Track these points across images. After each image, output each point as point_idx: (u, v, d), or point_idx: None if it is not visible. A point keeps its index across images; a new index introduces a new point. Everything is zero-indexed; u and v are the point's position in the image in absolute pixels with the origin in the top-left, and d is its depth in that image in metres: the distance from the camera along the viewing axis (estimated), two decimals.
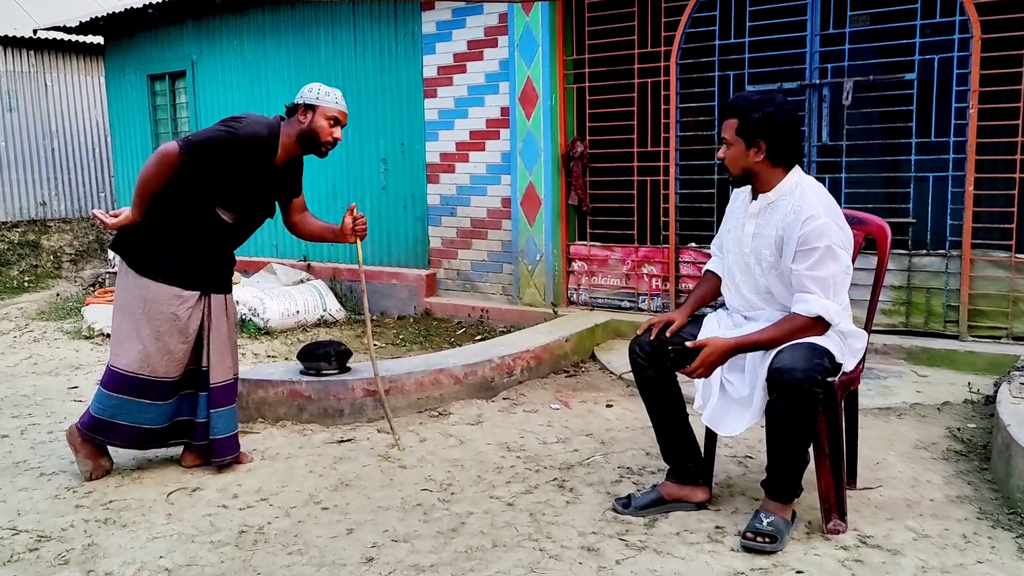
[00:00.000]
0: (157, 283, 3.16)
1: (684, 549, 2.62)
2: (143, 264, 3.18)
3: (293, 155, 3.30)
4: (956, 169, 4.50)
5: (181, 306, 3.19)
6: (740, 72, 5.08)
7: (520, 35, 5.69)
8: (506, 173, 6.01)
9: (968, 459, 3.33)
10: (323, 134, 3.22)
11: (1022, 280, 4.44)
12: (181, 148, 3.05)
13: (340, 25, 6.85)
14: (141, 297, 3.16)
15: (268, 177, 3.26)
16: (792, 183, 2.70)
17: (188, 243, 3.21)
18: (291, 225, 3.51)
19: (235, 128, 3.10)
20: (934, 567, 2.47)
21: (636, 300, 5.70)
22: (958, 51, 4.41)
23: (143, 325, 3.16)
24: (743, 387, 2.72)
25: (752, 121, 2.64)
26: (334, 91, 3.25)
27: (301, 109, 3.23)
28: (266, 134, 3.16)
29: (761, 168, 2.69)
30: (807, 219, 2.59)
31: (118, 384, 3.17)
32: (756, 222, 2.75)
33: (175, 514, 2.97)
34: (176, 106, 8.36)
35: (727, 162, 2.74)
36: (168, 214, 3.16)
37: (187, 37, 7.99)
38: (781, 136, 2.66)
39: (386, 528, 2.83)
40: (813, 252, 2.57)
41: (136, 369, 3.15)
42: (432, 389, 4.22)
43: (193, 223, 3.19)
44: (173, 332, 3.18)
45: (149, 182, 3.10)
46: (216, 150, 3.07)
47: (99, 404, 3.19)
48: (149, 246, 3.18)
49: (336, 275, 6.96)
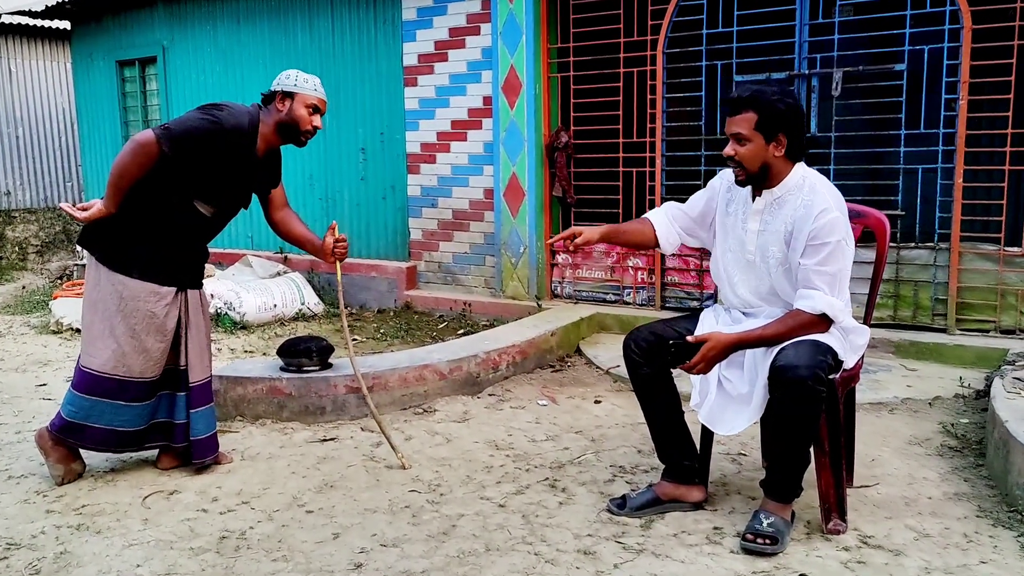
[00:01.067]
0: (133, 279, 3.02)
1: (683, 551, 2.55)
2: (116, 259, 3.03)
3: (272, 145, 3.16)
4: (945, 161, 4.47)
5: (159, 303, 3.05)
6: (728, 62, 5.00)
7: (503, 23, 5.57)
8: (489, 164, 5.90)
9: (963, 455, 3.29)
10: (303, 123, 3.09)
11: (1010, 273, 4.42)
12: (160, 138, 2.89)
13: (317, 11, 6.68)
14: (115, 294, 3.02)
15: (249, 169, 3.13)
16: (799, 177, 2.63)
17: (165, 237, 3.07)
18: (273, 223, 3.36)
19: (219, 118, 2.96)
20: (937, 568, 2.42)
21: (621, 293, 5.62)
22: (948, 42, 4.36)
23: (118, 323, 3.01)
24: (742, 384, 2.65)
25: (776, 113, 2.52)
26: (312, 78, 3.12)
27: (279, 97, 3.09)
28: (248, 124, 3.03)
29: (778, 163, 2.59)
30: (820, 213, 2.51)
31: (91, 385, 3.02)
32: (762, 218, 2.67)
33: (152, 519, 2.84)
34: (146, 93, 8.13)
35: (743, 158, 2.57)
36: (143, 206, 3.01)
37: (158, 22, 7.77)
38: (800, 129, 2.58)
39: (374, 532, 2.73)
40: (824, 247, 2.50)
41: (110, 370, 3.01)
42: (416, 385, 4.11)
43: (170, 216, 3.05)
44: (150, 330, 3.04)
45: (125, 174, 2.94)
46: (198, 141, 2.93)
47: (70, 406, 3.04)
48: (123, 240, 3.03)
49: (314, 267, 6.81)
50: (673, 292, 5.42)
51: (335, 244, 3.28)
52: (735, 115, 2.59)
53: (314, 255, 3.37)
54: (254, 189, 3.26)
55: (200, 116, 2.95)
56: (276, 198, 3.33)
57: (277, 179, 3.32)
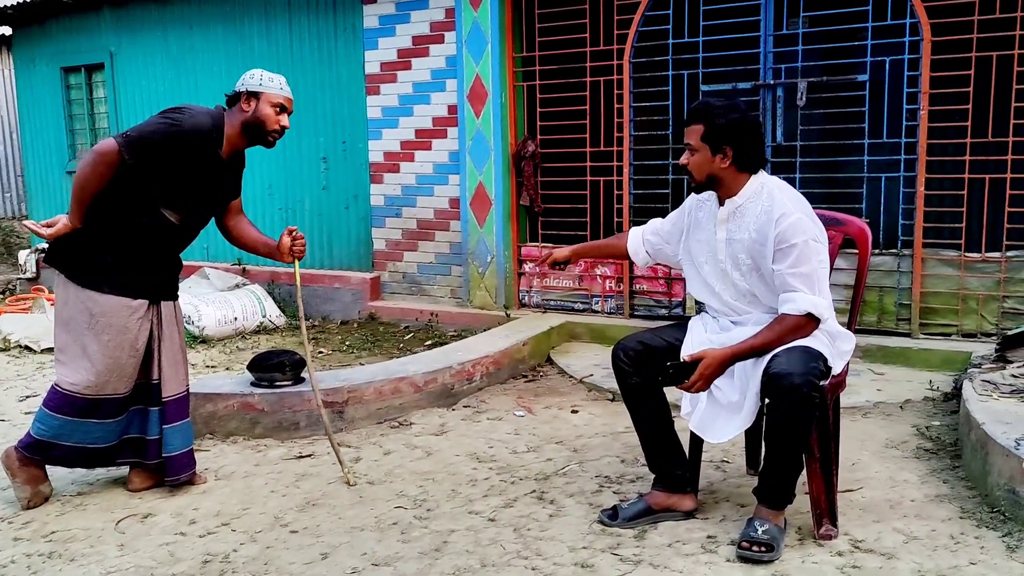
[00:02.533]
0: (103, 294, 2.90)
1: (680, 561, 2.54)
2: (85, 275, 2.91)
3: (237, 148, 3.06)
4: (908, 169, 4.58)
5: (131, 317, 2.94)
6: (694, 71, 5.05)
7: (468, 31, 5.54)
8: (454, 173, 5.85)
9: (939, 457, 3.36)
10: (269, 122, 3.00)
11: (971, 278, 4.55)
12: (121, 146, 2.79)
13: (274, 17, 6.56)
14: (86, 311, 2.89)
15: (214, 172, 3.03)
16: (757, 185, 2.67)
17: (133, 248, 2.95)
18: (225, 229, 3.26)
19: (178, 120, 2.86)
20: (930, 570, 2.45)
21: (589, 302, 5.62)
22: (909, 53, 4.48)
23: (90, 341, 2.89)
24: (732, 392, 2.65)
25: (718, 127, 2.60)
26: (277, 77, 3.05)
27: (244, 97, 2.99)
28: (210, 125, 2.93)
29: (726, 174, 2.65)
30: (780, 217, 2.56)
31: (64, 405, 2.90)
32: (727, 227, 2.71)
33: (128, 544, 2.73)
34: (93, 100, 7.87)
35: (691, 168, 2.68)
36: (109, 218, 2.90)
37: (105, 27, 7.53)
38: (747, 142, 2.63)
39: (364, 551, 2.66)
40: (792, 249, 2.54)
41: (83, 389, 2.89)
42: (392, 398, 4.04)
43: (137, 226, 2.93)
44: (124, 346, 2.93)
45: (88, 185, 2.83)
46: (159, 145, 2.83)
47: (42, 426, 2.91)
48: (90, 255, 2.91)
49: (274, 279, 6.66)
50: (642, 300, 5.45)
51: (293, 242, 3.19)
52: (687, 126, 2.69)
53: (269, 257, 3.27)
54: (223, 193, 3.16)
55: (159, 120, 2.86)
56: (233, 204, 3.24)
57: (238, 187, 3.22)
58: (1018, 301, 4.48)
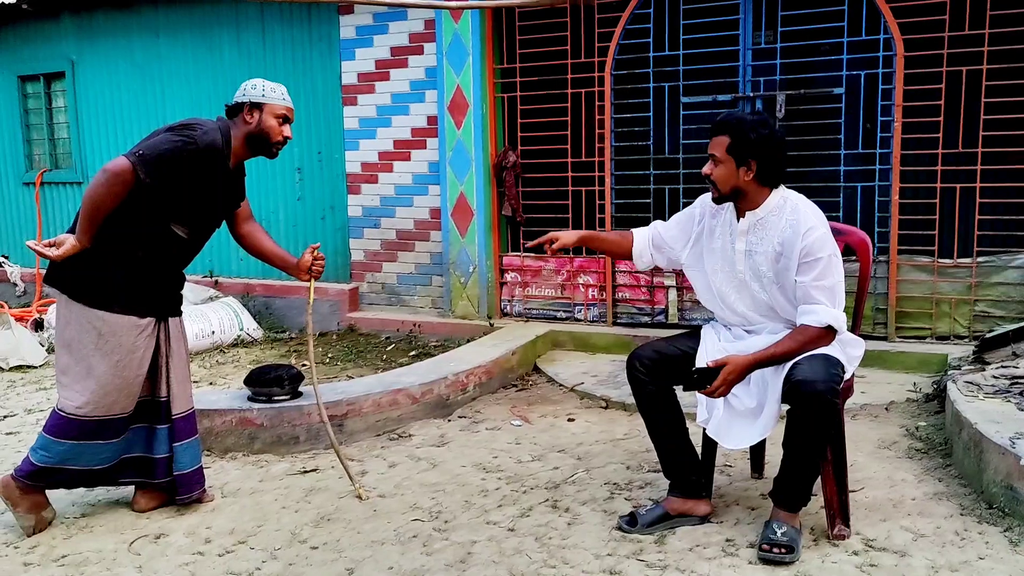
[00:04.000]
0: (112, 313, 2.84)
1: (704, 565, 2.60)
2: (91, 294, 2.84)
3: (241, 159, 3.05)
4: (882, 179, 4.75)
5: (140, 336, 2.88)
6: (675, 84, 5.16)
7: (449, 42, 5.56)
8: (434, 183, 5.86)
9: (930, 456, 3.49)
10: (273, 134, 2.99)
11: (944, 283, 4.73)
12: (136, 165, 2.74)
13: (246, 26, 6.47)
14: (93, 330, 2.83)
15: (224, 186, 3.01)
16: (779, 199, 2.75)
17: (142, 265, 2.90)
18: (239, 236, 3.25)
19: (192, 137, 2.82)
20: (943, 566, 2.55)
21: (572, 310, 5.68)
22: (883, 67, 4.65)
23: (97, 361, 2.83)
24: (749, 400, 2.73)
25: (748, 141, 2.65)
26: (279, 87, 3.03)
27: (246, 108, 2.97)
28: (222, 141, 2.91)
29: (750, 187, 2.72)
30: (807, 231, 2.64)
31: (71, 429, 2.82)
32: (747, 239, 2.77)
33: (146, 565, 2.68)
34: (52, 110, 7.66)
35: (715, 178, 2.73)
36: (117, 236, 2.84)
37: (65, 34, 7.33)
38: (773, 157, 2.69)
39: (390, 565, 2.65)
40: (817, 263, 2.62)
41: (90, 411, 2.82)
42: (390, 410, 4.03)
43: (146, 242, 2.89)
44: (132, 365, 2.87)
45: (102, 205, 2.76)
46: (174, 163, 2.79)
47: (46, 453, 2.83)
48: (98, 273, 2.84)
49: (249, 291, 6.57)
50: (625, 308, 5.52)
51: (313, 261, 3.18)
52: (713, 137, 2.73)
53: (285, 271, 3.28)
54: (227, 205, 3.13)
55: (174, 138, 2.80)
56: (242, 211, 3.22)
57: (243, 194, 3.21)
58: (989, 304, 4.67)
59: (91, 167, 7.35)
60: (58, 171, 7.63)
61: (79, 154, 7.41)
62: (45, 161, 7.72)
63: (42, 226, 7.69)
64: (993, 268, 4.65)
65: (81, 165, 7.41)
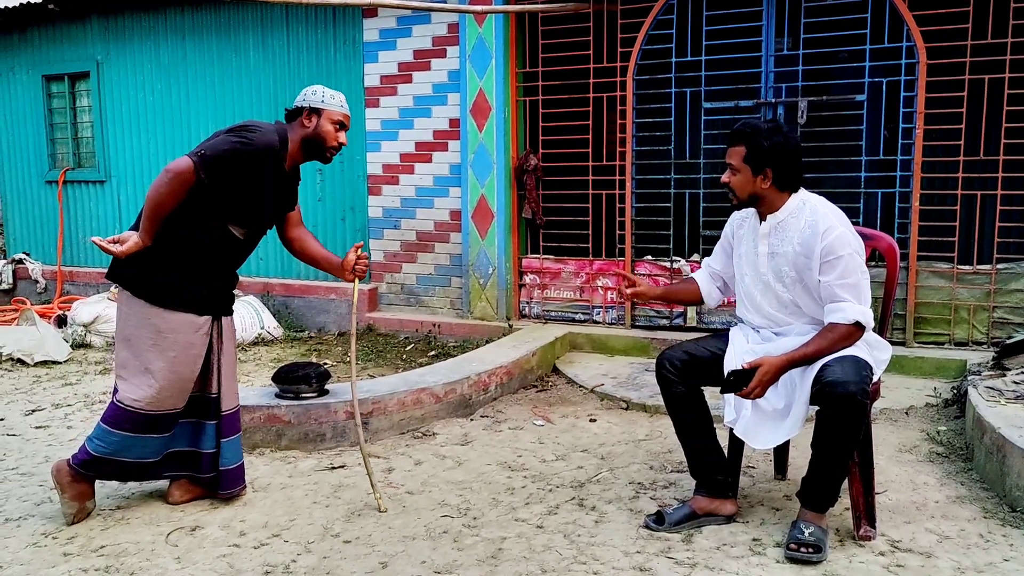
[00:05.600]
0: (172, 311, 2.91)
1: (733, 564, 2.64)
2: (153, 291, 2.91)
3: (297, 162, 3.12)
4: (903, 186, 4.79)
5: (197, 334, 2.96)
6: (697, 89, 5.20)
7: (472, 46, 5.62)
8: (455, 185, 5.92)
9: (951, 460, 3.52)
10: (329, 139, 3.06)
11: (962, 289, 4.76)
12: (196, 165, 2.81)
13: (271, 29, 6.55)
14: (152, 327, 2.90)
15: (279, 187, 3.08)
16: (798, 201, 2.81)
17: (200, 264, 2.97)
18: (288, 241, 3.31)
19: (250, 139, 2.89)
20: (968, 567, 2.59)
21: (591, 313, 5.73)
22: (905, 75, 4.68)
23: (154, 357, 2.90)
24: (777, 400, 2.77)
25: (762, 149, 2.72)
26: (338, 94, 3.10)
27: (305, 113, 3.04)
28: (279, 143, 2.98)
29: (768, 193, 2.79)
30: (826, 231, 2.69)
31: (125, 421, 2.89)
32: (768, 241, 2.83)
33: (184, 557, 2.73)
34: (76, 109, 7.75)
35: (734, 186, 2.81)
36: (177, 235, 2.91)
37: (91, 35, 7.43)
38: (788, 164, 2.75)
39: (422, 559, 2.70)
40: (839, 261, 2.66)
41: (146, 405, 2.89)
42: (414, 409, 4.08)
43: (205, 242, 2.96)
44: (188, 362, 2.94)
45: (164, 203, 2.84)
46: (233, 164, 2.86)
47: (101, 443, 2.91)
48: (158, 271, 2.91)
49: (268, 290, 6.64)
50: (643, 311, 5.57)
51: (357, 260, 3.25)
52: (730, 147, 2.81)
53: (329, 272, 3.33)
54: (282, 208, 3.20)
55: (232, 139, 2.88)
56: (293, 215, 3.28)
57: (295, 198, 3.27)
58: (1007, 311, 4.70)
59: (114, 167, 7.44)
60: (81, 170, 7.72)
61: (103, 154, 7.49)
62: (68, 160, 7.81)
63: (64, 225, 7.78)
64: (1012, 275, 4.68)
65: (104, 165, 7.50)
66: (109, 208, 7.54)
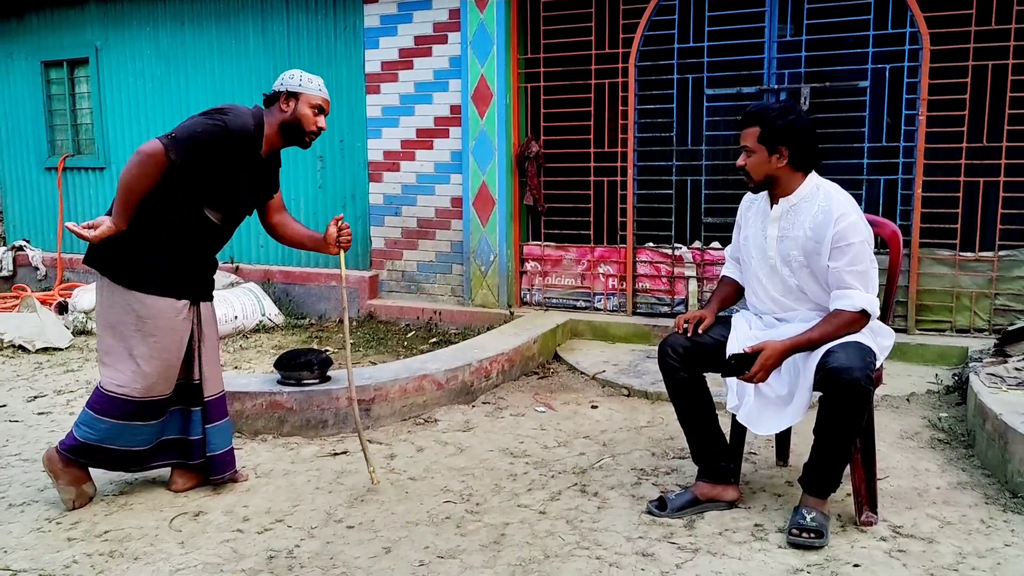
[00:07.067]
0: (149, 296, 2.90)
1: (736, 549, 2.64)
2: (130, 276, 2.90)
3: (275, 147, 3.09)
4: (905, 172, 4.77)
5: (177, 318, 2.95)
6: (699, 75, 5.18)
7: (474, 32, 5.59)
8: (456, 172, 5.90)
9: (952, 447, 3.53)
10: (307, 123, 3.03)
11: (964, 277, 4.76)
12: (167, 147, 2.80)
13: (271, 15, 6.51)
14: (132, 313, 2.89)
15: (255, 172, 3.06)
16: (812, 186, 2.79)
17: (176, 248, 2.96)
18: (270, 227, 3.29)
19: (224, 121, 2.88)
20: (970, 552, 2.60)
21: (592, 300, 5.72)
22: (908, 61, 4.66)
23: (137, 343, 2.89)
24: (780, 387, 2.77)
25: (775, 128, 2.71)
26: (316, 78, 3.08)
27: (283, 97, 3.02)
28: (253, 126, 2.96)
29: (783, 173, 2.77)
30: (839, 217, 2.68)
31: (111, 408, 2.88)
32: (779, 225, 2.82)
33: (188, 542, 2.73)
34: (75, 96, 7.72)
35: (749, 168, 2.79)
36: (153, 219, 2.89)
37: (90, 21, 7.38)
38: (803, 142, 2.74)
39: (425, 544, 2.71)
40: (850, 248, 2.66)
41: (130, 392, 2.89)
42: (416, 396, 4.08)
43: (180, 226, 2.94)
44: (171, 347, 2.93)
45: (136, 187, 2.82)
46: (206, 146, 2.85)
47: (88, 429, 2.89)
48: (134, 256, 2.90)
49: (268, 277, 6.63)
50: (644, 298, 5.56)
51: (339, 232, 3.22)
52: (743, 129, 2.79)
53: (316, 250, 3.30)
54: (260, 192, 3.18)
55: (205, 121, 2.87)
56: (274, 202, 3.27)
57: (276, 184, 3.26)
58: (1009, 298, 4.70)
59: (114, 153, 7.42)
60: (80, 156, 7.70)
61: (102, 140, 7.47)
62: (67, 147, 7.78)
63: (63, 211, 7.77)
64: (1014, 262, 4.67)
65: (104, 151, 7.47)
66: (109, 194, 7.51)
